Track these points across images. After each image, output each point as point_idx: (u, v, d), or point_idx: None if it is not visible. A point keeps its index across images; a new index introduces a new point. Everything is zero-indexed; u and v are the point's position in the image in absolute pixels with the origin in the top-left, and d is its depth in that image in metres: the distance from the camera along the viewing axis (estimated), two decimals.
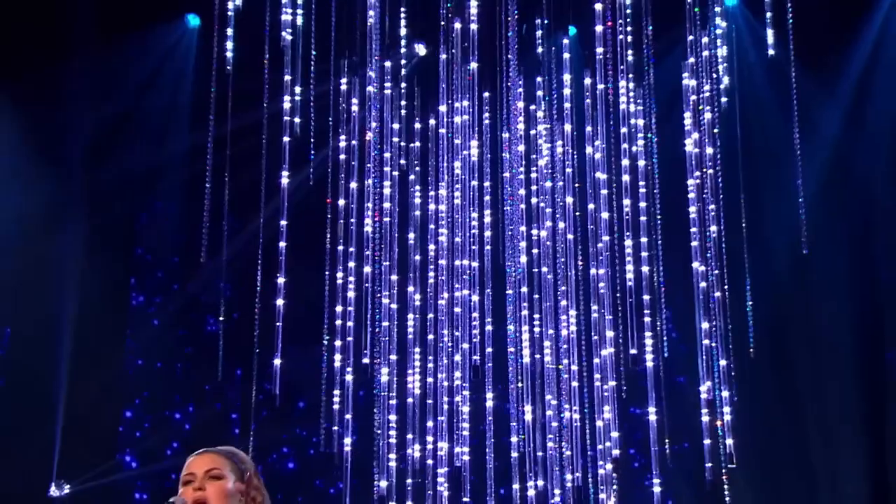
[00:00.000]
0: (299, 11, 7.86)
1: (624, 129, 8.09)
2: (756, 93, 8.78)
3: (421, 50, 9.00)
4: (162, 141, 9.59)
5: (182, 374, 10.18)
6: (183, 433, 10.05)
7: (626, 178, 8.06)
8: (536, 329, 8.26)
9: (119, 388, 9.82)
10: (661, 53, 8.47)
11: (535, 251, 8.35)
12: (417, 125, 8.78)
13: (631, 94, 8.04)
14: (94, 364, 9.47)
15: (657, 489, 8.08)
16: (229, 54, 7.61)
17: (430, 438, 8.18)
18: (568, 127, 8.37)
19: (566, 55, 8.38)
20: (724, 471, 8.01)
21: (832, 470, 9.14)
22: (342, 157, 8.31)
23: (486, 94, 8.38)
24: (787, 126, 8.31)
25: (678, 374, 8.32)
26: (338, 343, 8.25)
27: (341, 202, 8.31)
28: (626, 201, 8.02)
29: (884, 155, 9.01)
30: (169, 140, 9.62)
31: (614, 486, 7.98)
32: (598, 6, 7.99)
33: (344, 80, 8.25)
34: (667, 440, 8.09)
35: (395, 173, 8.55)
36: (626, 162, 8.01)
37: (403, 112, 8.65)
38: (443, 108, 8.48)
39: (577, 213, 8.32)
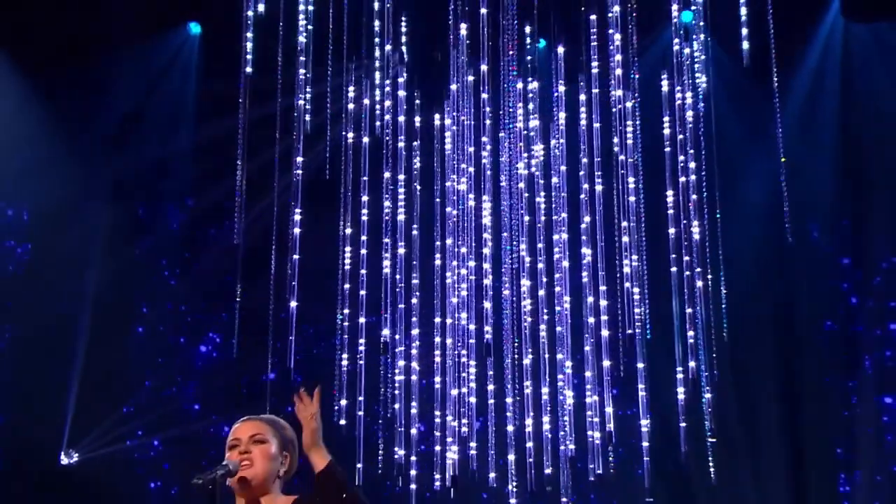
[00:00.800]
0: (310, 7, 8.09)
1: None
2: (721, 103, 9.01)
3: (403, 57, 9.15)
4: (171, 133, 9.84)
5: (196, 348, 10.27)
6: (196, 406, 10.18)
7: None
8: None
9: (134, 363, 9.90)
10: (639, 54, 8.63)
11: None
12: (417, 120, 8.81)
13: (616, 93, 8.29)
14: (110, 339, 9.59)
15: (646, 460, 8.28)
16: (249, 57, 7.92)
17: (437, 414, 8.37)
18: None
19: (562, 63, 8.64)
20: (708, 444, 8.24)
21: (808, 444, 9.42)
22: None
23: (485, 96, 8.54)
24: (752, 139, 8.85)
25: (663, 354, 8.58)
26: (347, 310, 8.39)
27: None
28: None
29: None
30: (179, 132, 9.87)
31: (611, 459, 8.23)
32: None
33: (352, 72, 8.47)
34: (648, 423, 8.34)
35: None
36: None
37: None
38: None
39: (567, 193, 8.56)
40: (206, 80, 9.89)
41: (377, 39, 8.54)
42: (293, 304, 8.23)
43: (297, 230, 8.11)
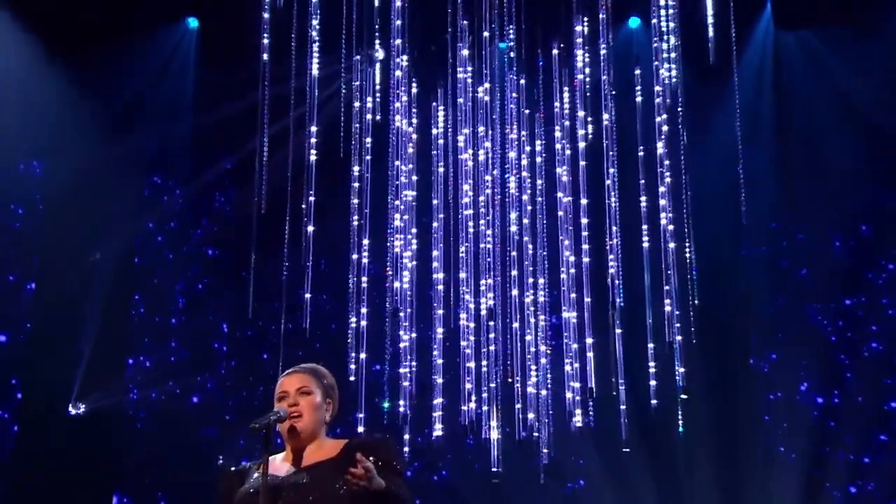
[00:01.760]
0: None
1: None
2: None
3: (380, 54, 9.33)
4: (173, 118, 10.35)
5: (212, 309, 10.59)
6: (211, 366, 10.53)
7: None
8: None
9: (138, 328, 10.26)
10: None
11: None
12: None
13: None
14: (118, 305, 10.01)
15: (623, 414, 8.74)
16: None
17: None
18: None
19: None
20: (678, 399, 8.66)
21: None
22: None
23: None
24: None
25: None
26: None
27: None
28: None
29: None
30: (179, 117, 10.37)
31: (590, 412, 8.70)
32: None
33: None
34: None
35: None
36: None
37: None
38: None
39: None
40: (203, 70, 10.35)
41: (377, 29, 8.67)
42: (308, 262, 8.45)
43: (311, 198, 8.37)
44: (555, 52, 9.14)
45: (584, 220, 8.90)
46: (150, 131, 10.36)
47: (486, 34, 8.59)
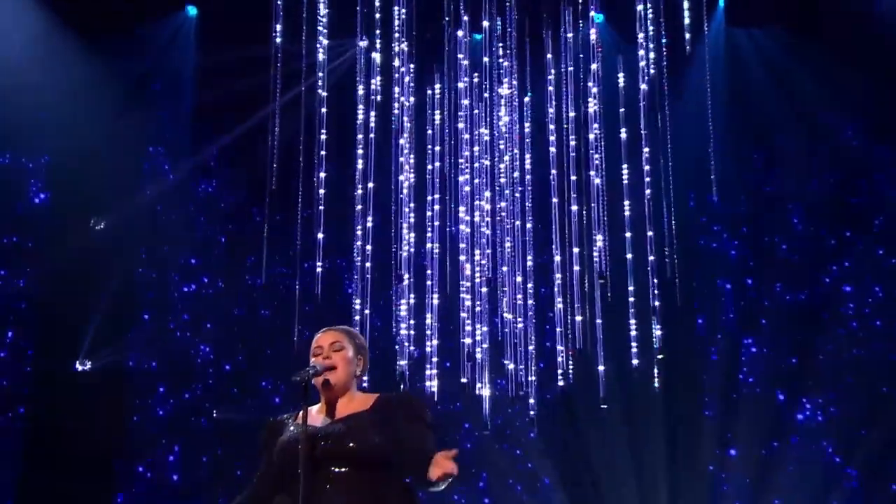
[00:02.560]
0: None
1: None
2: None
3: (364, 43, 9.39)
4: (174, 98, 10.63)
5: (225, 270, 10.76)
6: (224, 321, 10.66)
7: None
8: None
9: (140, 296, 10.42)
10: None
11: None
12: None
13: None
14: (123, 271, 10.16)
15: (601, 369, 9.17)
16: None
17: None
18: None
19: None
20: (655, 360, 9.09)
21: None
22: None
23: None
24: None
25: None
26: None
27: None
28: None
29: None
30: (181, 97, 10.63)
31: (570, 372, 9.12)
32: None
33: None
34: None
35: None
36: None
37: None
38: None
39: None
40: (201, 54, 10.57)
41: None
42: (320, 235, 8.78)
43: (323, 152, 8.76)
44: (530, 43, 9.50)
45: (574, 201, 9.21)
46: (155, 108, 10.58)
47: (485, 23, 8.97)
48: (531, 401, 9.22)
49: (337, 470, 4.72)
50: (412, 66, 9.18)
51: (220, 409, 10.29)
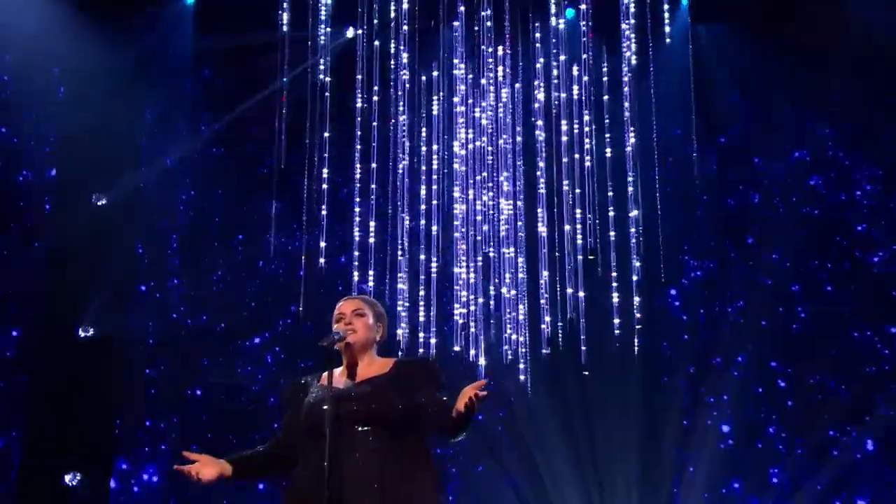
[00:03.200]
0: None
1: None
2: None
3: (350, 33, 9.85)
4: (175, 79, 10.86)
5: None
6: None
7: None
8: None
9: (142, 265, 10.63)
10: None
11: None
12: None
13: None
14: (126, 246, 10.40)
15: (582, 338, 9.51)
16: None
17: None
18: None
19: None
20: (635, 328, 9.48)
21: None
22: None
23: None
24: None
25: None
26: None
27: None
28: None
29: None
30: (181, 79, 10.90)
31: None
32: None
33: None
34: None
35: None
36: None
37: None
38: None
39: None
40: (200, 36, 10.76)
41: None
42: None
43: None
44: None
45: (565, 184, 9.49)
46: (156, 88, 10.75)
47: (484, 13, 9.21)
48: (521, 365, 9.52)
49: (359, 429, 4.91)
50: (405, 53, 9.32)
51: (215, 374, 10.55)
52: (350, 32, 9.77)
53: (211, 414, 10.54)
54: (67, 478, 9.54)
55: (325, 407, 4.92)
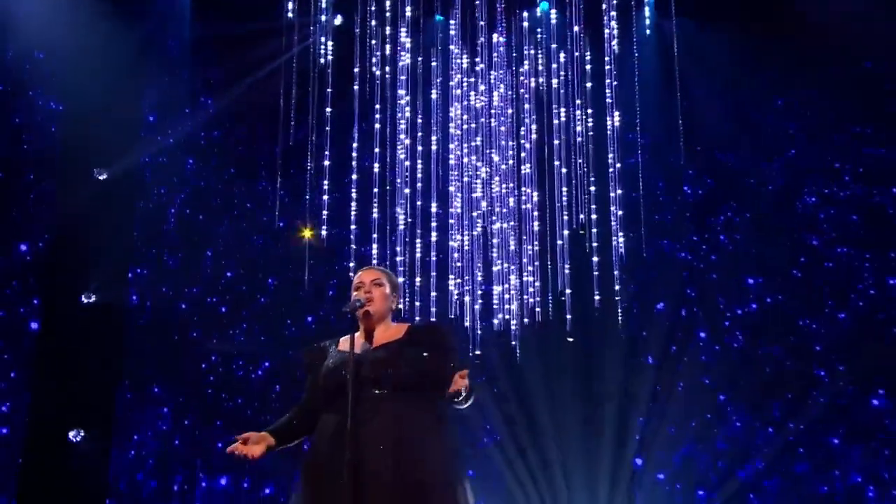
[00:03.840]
0: None
1: None
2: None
3: (337, 20, 10.06)
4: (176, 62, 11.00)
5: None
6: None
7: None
8: None
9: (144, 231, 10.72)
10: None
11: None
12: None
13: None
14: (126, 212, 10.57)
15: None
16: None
17: None
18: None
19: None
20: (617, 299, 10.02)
21: None
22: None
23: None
24: None
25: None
26: None
27: None
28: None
29: None
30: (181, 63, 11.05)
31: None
32: None
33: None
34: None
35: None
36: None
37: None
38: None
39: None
40: (196, 21, 10.97)
41: None
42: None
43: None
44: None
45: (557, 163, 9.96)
46: (158, 67, 10.89)
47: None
48: (513, 328, 9.97)
49: (375, 392, 5.07)
50: (407, 39, 9.77)
51: (211, 342, 10.78)
52: (338, 20, 10.05)
53: (207, 378, 10.80)
54: (71, 434, 9.68)
55: (344, 372, 5.10)
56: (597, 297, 10.07)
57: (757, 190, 11.19)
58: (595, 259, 10.06)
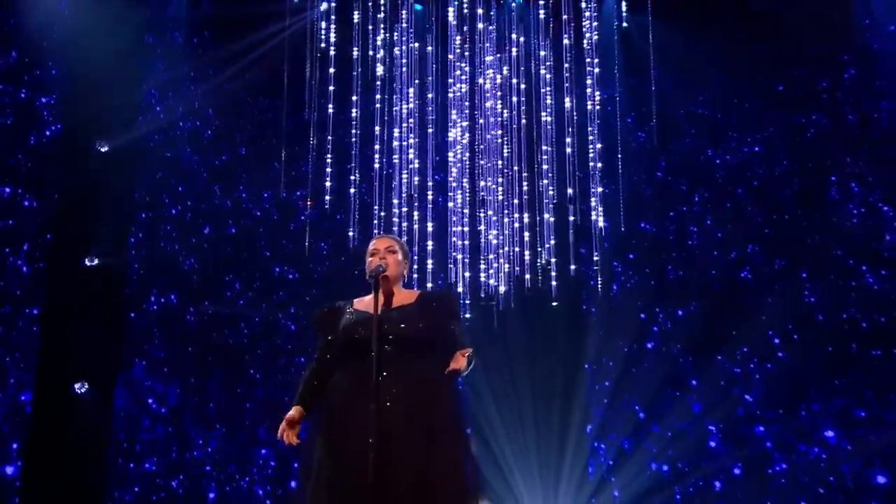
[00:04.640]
0: None
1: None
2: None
3: (323, 6, 10.27)
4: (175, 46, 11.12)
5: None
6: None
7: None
8: None
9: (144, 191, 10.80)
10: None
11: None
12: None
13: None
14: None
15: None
16: None
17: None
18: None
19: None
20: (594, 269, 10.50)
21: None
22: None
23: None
24: None
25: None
26: None
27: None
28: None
29: None
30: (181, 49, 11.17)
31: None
32: None
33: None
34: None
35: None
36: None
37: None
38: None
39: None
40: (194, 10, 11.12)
41: None
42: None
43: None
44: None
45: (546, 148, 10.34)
46: (157, 49, 11.07)
47: None
48: (502, 291, 10.22)
49: (389, 349, 5.30)
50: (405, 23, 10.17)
51: (207, 305, 10.98)
52: (324, 6, 10.32)
53: (205, 339, 11.02)
54: (76, 386, 9.76)
55: (363, 330, 5.38)
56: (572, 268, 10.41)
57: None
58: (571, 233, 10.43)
